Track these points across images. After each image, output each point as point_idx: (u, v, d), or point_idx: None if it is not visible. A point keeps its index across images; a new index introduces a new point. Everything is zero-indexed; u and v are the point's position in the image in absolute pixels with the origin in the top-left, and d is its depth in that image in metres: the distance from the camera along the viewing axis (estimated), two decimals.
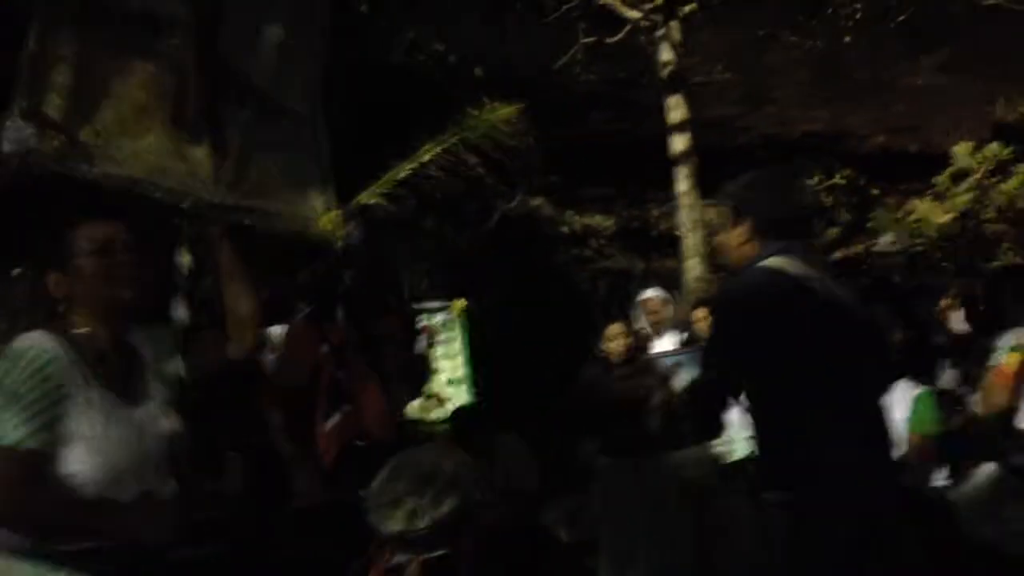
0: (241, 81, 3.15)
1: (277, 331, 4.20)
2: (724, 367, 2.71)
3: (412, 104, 8.42)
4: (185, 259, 3.31)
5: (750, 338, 2.59)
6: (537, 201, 11.86)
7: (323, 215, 3.24)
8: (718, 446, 4.89)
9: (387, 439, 3.51)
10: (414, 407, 6.27)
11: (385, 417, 3.68)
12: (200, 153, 2.93)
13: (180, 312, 3.35)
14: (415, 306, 6.64)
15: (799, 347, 2.58)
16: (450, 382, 6.42)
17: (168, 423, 2.16)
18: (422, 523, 1.99)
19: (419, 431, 5.73)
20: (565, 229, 11.60)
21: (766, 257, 2.66)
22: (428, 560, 1.98)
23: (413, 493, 2.02)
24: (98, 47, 2.70)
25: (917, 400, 4.42)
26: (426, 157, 6.42)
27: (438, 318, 6.57)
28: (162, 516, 2.06)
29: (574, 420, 5.14)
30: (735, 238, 2.76)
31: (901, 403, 4.42)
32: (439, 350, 6.46)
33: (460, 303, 6.65)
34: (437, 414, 6.02)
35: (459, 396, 6.34)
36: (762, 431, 2.72)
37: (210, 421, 2.87)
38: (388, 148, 7.07)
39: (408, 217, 7.14)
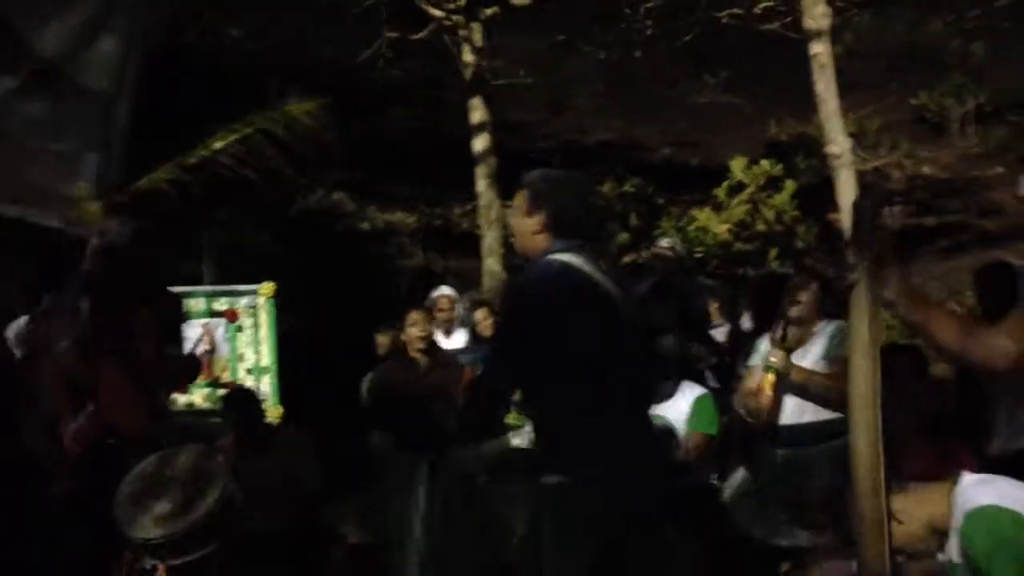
0: (16, 47, 2.88)
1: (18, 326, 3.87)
2: (509, 355, 2.82)
3: (214, 91, 8.07)
4: None
5: (536, 328, 2.71)
6: (339, 196, 11.67)
7: (83, 204, 3.01)
8: (513, 438, 5.01)
9: (140, 436, 3.28)
10: (199, 398, 5.95)
11: (136, 414, 3.45)
12: None
13: None
14: (219, 289, 6.23)
15: (578, 341, 2.72)
16: (250, 371, 6.06)
17: None
18: (170, 528, 1.90)
19: (201, 424, 5.47)
20: (366, 226, 11.47)
21: (557, 252, 2.79)
22: (175, 566, 1.89)
23: (161, 496, 1.93)
24: None
25: (696, 401, 4.62)
26: (218, 145, 6.13)
27: (243, 303, 6.17)
28: None
29: (370, 415, 5.07)
30: (529, 226, 2.87)
31: (682, 404, 4.65)
32: (243, 337, 6.11)
33: (269, 287, 6.23)
34: None
35: (262, 386, 6.02)
36: (540, 418, 2.88)
37: None
38: (186, 135, 6.75)
39: (201, 206, 6.83)
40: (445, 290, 6.41)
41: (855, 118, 10.87)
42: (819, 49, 6.66)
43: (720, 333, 6.08)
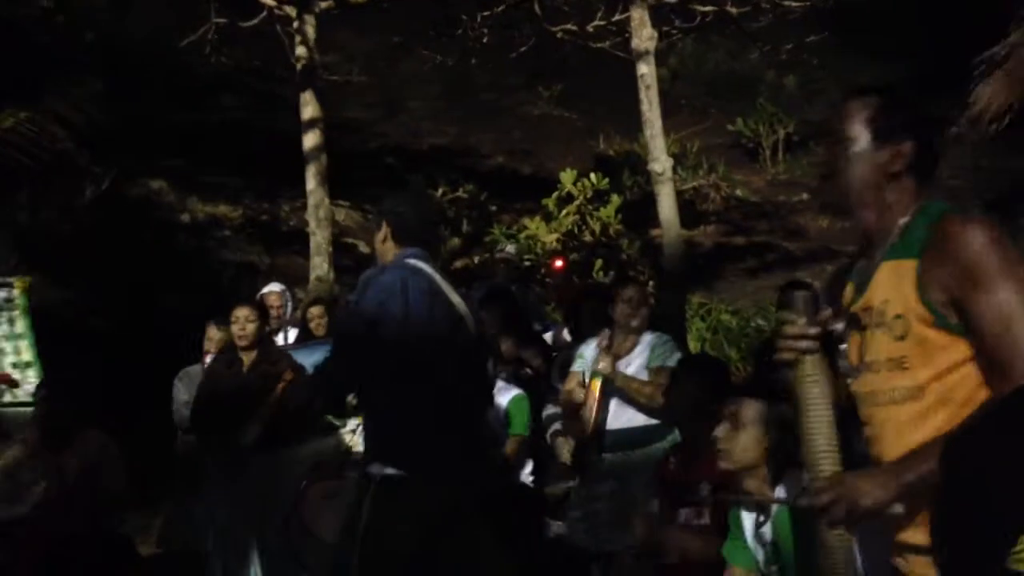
0: None
1: None
2: (351, 351, 2.98)
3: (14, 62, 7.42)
4: None
5: (377, 325, 2.89)
6: (157, 184, 11.06)
7: None
8: (345, 434, 4.92)
9: None
10: None
11: None
12: None
13: None
14: None
15: (418, 341, 2.91)
16: (15, 365, 5.65)
17: None
18: None
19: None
20: (186, 217, 10.93)
21: (407, 257, 3.06)
22: None
23: None
24: None
25: (512, 402, 4.71)
26: (8, 123, 5.67)
27: None
28: None
29: (193, 415, 4.82)
30: (378, 238, 3.17)
31: (500, 404, 4.72)
32: (0, 330, 5.68)
33: (25, 280, 5.85)
34: (7, 397, 5.35)
35: (29, 379, 5.62)
36: (372, 413, 3.04)
37: None
38: None
39: None
40: (275, 287, 6.22)
41: (677, 139, 11.41)
42: (645, 70, 6.94)
43: (548, 336, 6.23)
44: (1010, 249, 1.68)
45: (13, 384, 5.46)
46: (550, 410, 4.84)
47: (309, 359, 4.85)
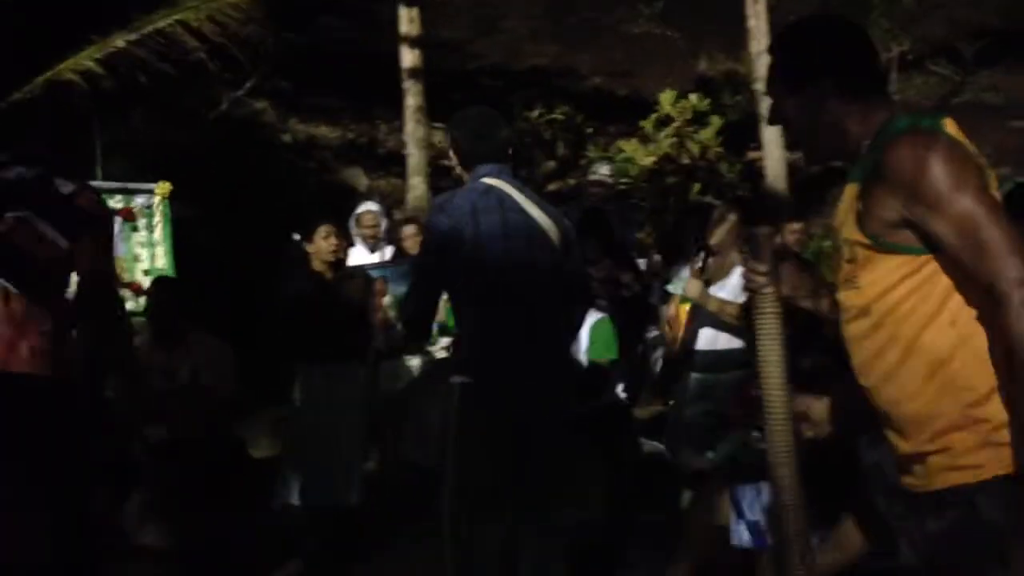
0: None
1: None
2: (432, 272, 3.09)
3: None
4: None
5: (450, 244, 2.99)
6: (261, 104, 11.29)
7: None
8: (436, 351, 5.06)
9: None
10: None
11: None
12: None
13: None
14: (114, 186, 5.86)
15: (491, 260, 3.01)
16: (147, 272, 5.79)
17: None
18: None
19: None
20: (287, 138, 11.16)
21: (478, 178, 3.12)
22: None
23: None
24: None
25: (594, 327, 4.73)
26: (132, 37, 5.79)
27: (138, 201, 5.79)
28: None
29: (282, 328, 4.98)
30: (455, 164, 3.24)
31: (585, 328, 4.75)
32: (137, 237, 5.84)
33: (165, 186, 5.85)
34: (133, 305, 5.52)
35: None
36: (459, 326, 3.19)
37: None
38: (105, 20, 6.35)
39: (111, 100, 6.46)
40: (371, 206, 6.34)
41: None
42: None
43: (642, 262, 6.19)
44: (957, 161, 1.65)
45: (140, 292, 5.57)
46: (653, 332, 4.84)
47: (398, 277, 4.97)
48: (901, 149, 1.68)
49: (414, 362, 5.21)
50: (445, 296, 3.35)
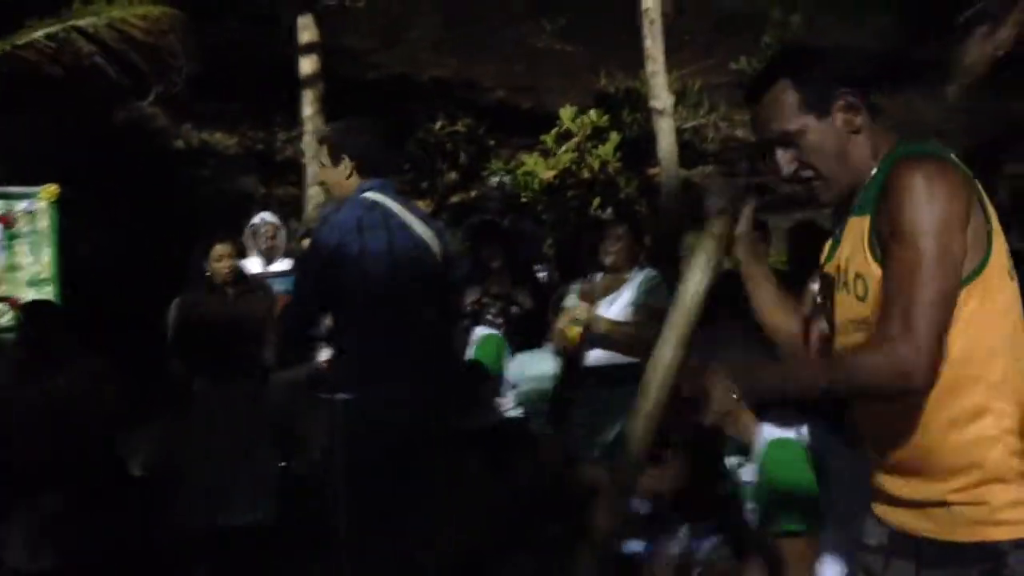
0: None
1: None
2: (312, 283, 3.07)
3: None
4: None
5: (335, 257, 2.98)
6: (152, 109, 10.92)
7: None
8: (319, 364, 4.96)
9: None
10: None
11: None
12: None
13: None
14: None
15: (376, 276, 3.01)
16: (32, 283, 5.38)
17: None
18: None
19: None
20: (180, 144, 10.83)
21: (366, 191, 3.09)
22: None
23: None
24: None
25: (481, 342, 4.75)
26: (21, 40, 5.54)
27: (20, 207, 5.41)
28: None
29: (176, 344, 4.85)
30: (339, 174, 3.14)
31: (472, 344, 4.76)
32: (20, 245, 5.47)
33: (52, 190, 5.47)
34: (6, 321, 5.20)
35: (48, 296, 5.41)
36: (340, 341, 3.17)
37: None
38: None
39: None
40: (267, 216, 6.20)
41: (679, 76, 11.25)
42: (649, 4, 6.84)
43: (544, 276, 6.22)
44: (943, 197, 1.54)
45: (16, 307, 5.26)
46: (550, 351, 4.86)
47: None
48: (899, 173, 1.58)
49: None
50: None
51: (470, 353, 4.69)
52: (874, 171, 1.68)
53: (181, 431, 4.48)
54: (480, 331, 4.76)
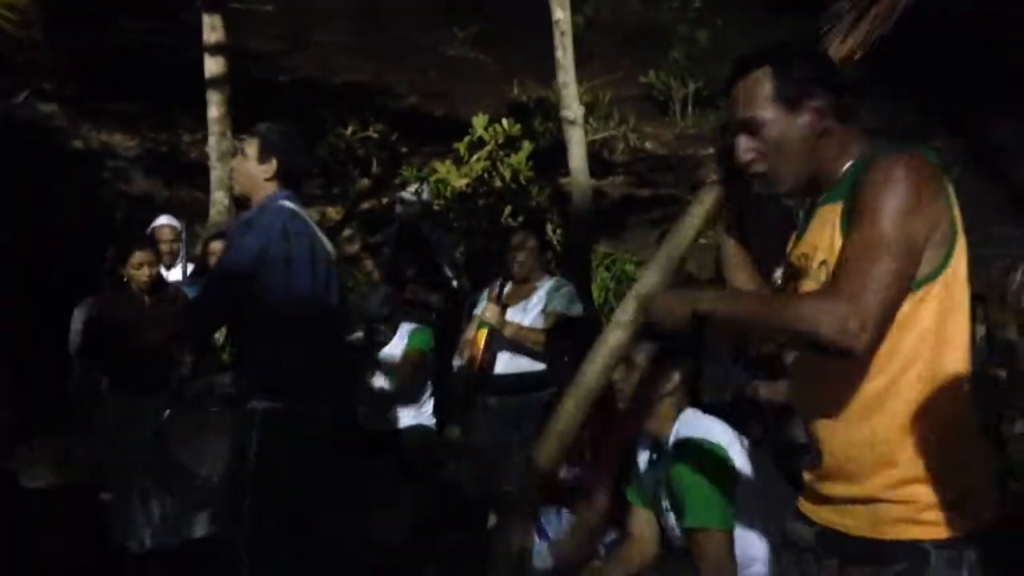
0: None
1: None
2: (230, 285, 3.06)
3: None
4: None
5: (261, 264, 3.00)
6: (48, 108, 10.49)
7: None
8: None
9: None
10: None
11: None
12: None
13: None
14: None
15: (303, 281, 3.07)
16: None
17: None
18: None
19: None
20: (79, 144, 10.42)
21: (282, 199, 3.14)
22: None
23: None
24: None
25: (412, 333, 4.78)
26: None
27: None
28: None
29: (84, 349, 4.67)
30: (260, 172, 3.17)
31: (400, 340, 4.76)
32: None
33: None
34: None
35: None
36: (255, 348, 3.14)
37: None
38: None
39: None
40: (167, 220, 6.02)
41: (590, 88, 11.42)
42: (560, 15, 6.90)
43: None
44: (913, 187, 1.57)
45: None
46: (459, 360, 4.87)
47: None
48: (877, 164, 1.61)
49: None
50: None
51: (402, 345, 4.70)
52: (847, 167, 1.72)
53: (86, 443, 4.29)
54: (408, 326, 4.79)
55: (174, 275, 5.67)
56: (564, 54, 7.00)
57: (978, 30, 12.14)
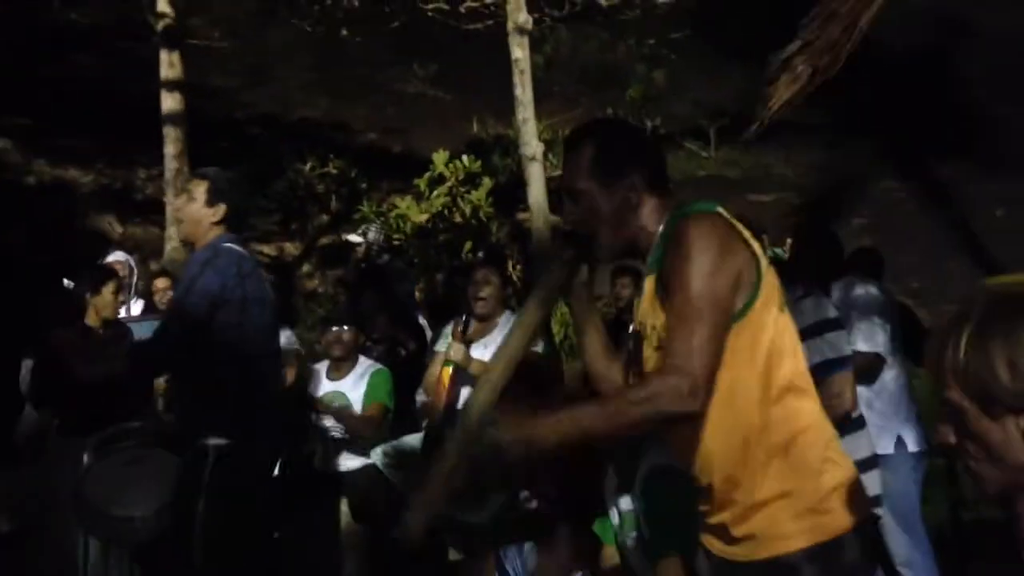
0: None
1: None
2: (186, 330, 3.09)
3: None
4: None
5: (222, 304, 3.07)
6: (1, 142, 10.34)
7: None
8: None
9: None
10: None
11: None
12: None
13: None
14: None
15: (258, 320, 3.15)
16: None
17: None
18: None
19: None
20: (32, 180, 10.27)
21: (228, 242, 3.19)
22: None
23: None
24: None
25: (372, 375, 4.69)
26: None
27: None
28: None
29: (35, 389, 4.55)
30: (207, 216, 3.21)
31: (360, 380, 4.69)
32: None
33: None
34: None
35: None
36: (201, 387, 3.15)
37: None
38: None
39: None
40: (119, 255, 5.93)
41: (549, 125, 11.54)
42: (520, 54, 7.00)
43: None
44: (711, 247, 1.71)
45: None
46: (422, 396, 4.80)
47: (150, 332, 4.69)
48: (676, 230, 1.75)
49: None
50: None
51: (362, 386, 4.61)
52: (660, 229, 1.86)
53: (34, 482, 4.17)
54: (366, 363, 4.70)
55: (123, 313, 5.57)
56: (523, 92, 7.09)
57: (925, 74, 12.52)
